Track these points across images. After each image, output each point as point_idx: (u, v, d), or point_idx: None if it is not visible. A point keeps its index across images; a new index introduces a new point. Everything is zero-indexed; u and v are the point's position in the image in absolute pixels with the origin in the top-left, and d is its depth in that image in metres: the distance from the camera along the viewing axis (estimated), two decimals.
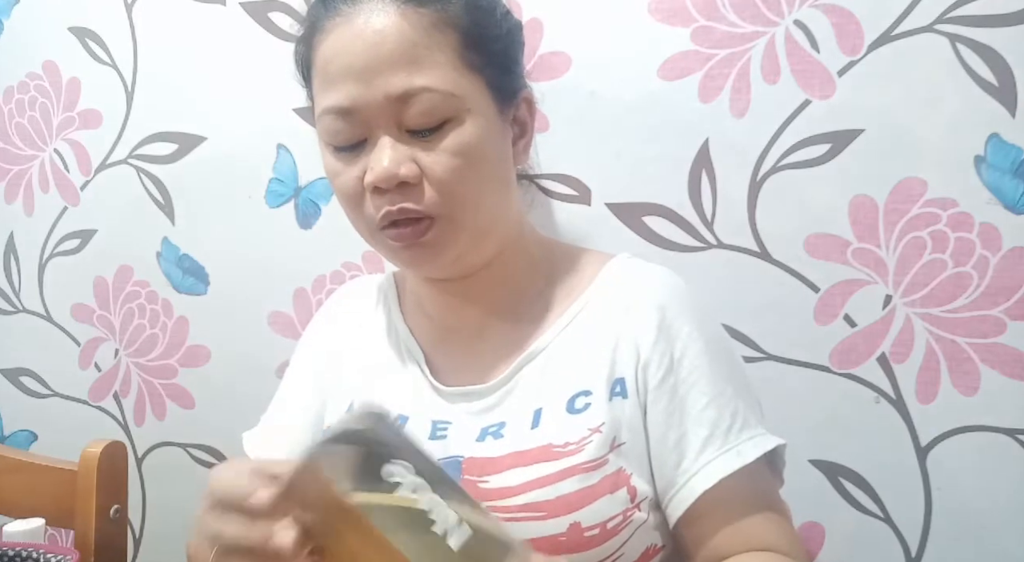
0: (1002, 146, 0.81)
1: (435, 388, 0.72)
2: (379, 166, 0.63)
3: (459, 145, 0.64)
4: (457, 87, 0.64)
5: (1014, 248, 0.81)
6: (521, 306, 0.73)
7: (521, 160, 0.73)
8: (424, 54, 0.63)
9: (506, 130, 0.70)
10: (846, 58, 0.84)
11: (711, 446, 0.64)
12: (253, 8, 1.07)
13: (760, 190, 0.88)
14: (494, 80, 0.67)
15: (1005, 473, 0.82)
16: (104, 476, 0.84)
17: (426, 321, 0.77)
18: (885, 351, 0.86)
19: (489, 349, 0.72)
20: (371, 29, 0.63)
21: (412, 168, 0.63)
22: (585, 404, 0.66)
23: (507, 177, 0.71)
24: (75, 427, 1.21)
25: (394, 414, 0.72)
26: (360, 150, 0.65)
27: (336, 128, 0.65)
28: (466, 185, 0.65)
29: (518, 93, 0.71)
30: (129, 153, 1.15)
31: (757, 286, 0.89)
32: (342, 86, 0.64)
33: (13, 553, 0.73)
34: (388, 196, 0.64)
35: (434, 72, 0.63)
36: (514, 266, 0.73)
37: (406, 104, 0.62)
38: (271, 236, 1.09)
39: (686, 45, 0.89)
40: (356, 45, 0.63)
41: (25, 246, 1.23)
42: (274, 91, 1.06)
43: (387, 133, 0.64)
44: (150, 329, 1.17)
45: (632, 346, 0.68)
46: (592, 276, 0.73)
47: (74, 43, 1.16)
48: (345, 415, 0.71)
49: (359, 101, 0.63)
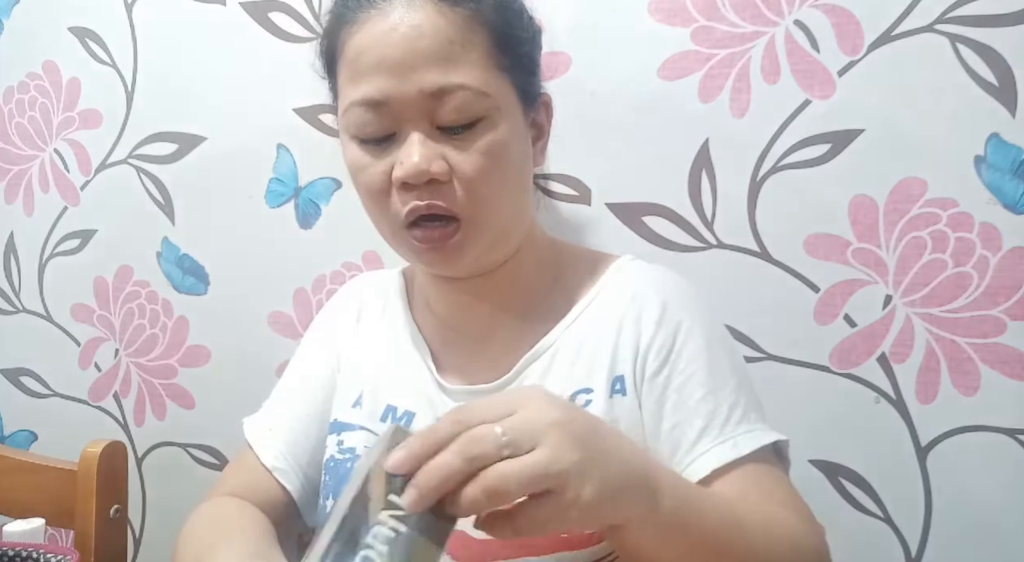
0: (1002, 146, 0.81)
1: (441, 386, 0.72)
2: (410, 161, 0.62)
3: (490, 145, 0.64)
4: (489, 86, 0.64)
5: (1014, 248, 0.81)
6: (528, 306, 0.74)
7: (539, 162, 0.73)
8: (459, 51, 0.63)
9: (528, 132, 0.70)
10: (846, 58, 0.84)
11: (706, 437, 0.63)
12: (253, 8, 1.07)
13: (760, 190, 0.88)
14: (520, 82, 0.67)
15: (1005, 473, 0.82)
16: (104, 476, 0.84)
17: (433, 319, 0.77)
18: (885, 351, 0.86)
19: (495, 347, 0.73)
20: (407, 23, 0.62)
21: (443, 165, 0.63)
22: (586, 401, 0.67)
23: (528, 179, 0.71)
24: (75, 427, 1.21)
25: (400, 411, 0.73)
26: (388, 144, 0.65)
27: (365, 120, 0.64)
28: (492, 186, 0.65)
29: (539, 96, 0.72)
30: (129, 153, 1.15)
31: (757, 286, 0.89)
32: (375, 78, 0.63)
33: (13, 553, 0.73)
34: (416, 192, 0.64)
35: (468, 70, 0.63)
36: (525, 266, 0.74)
37: (440, 100, 0.62)
38: (271, 236, 1.09)
39: (686, 45, 0.89)
40: (392, 38, 0.62)
41: (25, 246, 1.23)
42: (274, 91, 1.06)
43: (418, 129, 0.63)
44: (150, 329, 1.17)
45: (632, 342, 0.68)
46: (597, 276, 0.74)
47: (74, 43, 1.16)
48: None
49: (392, 94, 0.63)
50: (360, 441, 0.72)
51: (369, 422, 0.73)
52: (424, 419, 0.71)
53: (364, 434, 0.72)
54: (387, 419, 0.73)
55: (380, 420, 0.73)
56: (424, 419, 0.71)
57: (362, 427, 0.73)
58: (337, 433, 0.74)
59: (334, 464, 0.72)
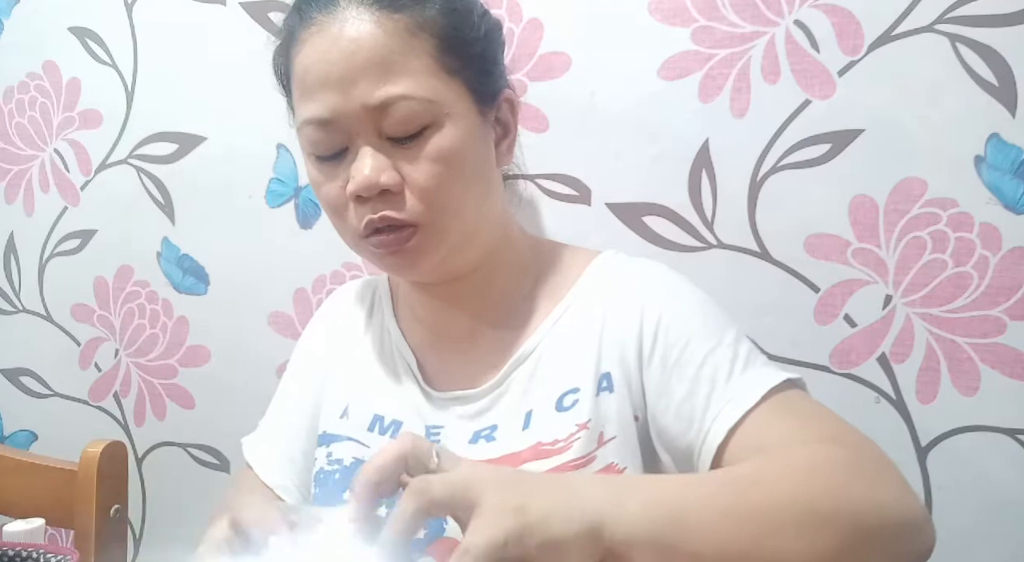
0: (1002, 146, 0.81)
1: (426, 393, 0.72)
2: (360, 175, 0.62)
3: (439, 151, 0.63)
4: (435, 93, 0.63)
5: (1014, 248, 0.81)
6: (510, 309, 0.73)
7: (505, 161, 0.72)
8: (400, 61, 0.62)
9: (488, 132, 0.69)
10: (846, 58, 0.84)
11: (714, 400, 0.61)
12: (253, 8, 1.07)
13: (760, 190, 0.88)
14: (473, 83, 0.66)
15: (1005, 473, 0.82)
16: (104, 476, 0.84)
17: (418, 325, 0.76)
18: (885, 351, 0.86)
19: (480, 353, 0.72)
20: (346, 38, 0.62)
21: (393, 176, 0.63)
22: (573, 401, 0.66)
23: (490, 180, 0.70)
24: (75, 427, 1.21)
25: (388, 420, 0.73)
26: (342, 159, 0.65)
27: (316, 138, 0.64)
28: (448, 191, 0.64)
29: (499, 94, 0.70)
30: (129, 153, 1.15)
31: (757, 286, 0.89)
32: (320, 96, 0.63)
33: (13, 553, 0.73)
34: (370, 205, 0.64)
35: (411, 79, 0.62)
36: (502, 269, 0.73)
37: (384, 113, 0.62)
38: (271, 236, 1.09)
39: (686, 45, 0.89)
40: (331, 54, 0.62)
41: (25, 246, 1.23)
42: (274, 91, 1.06)
43: (367, 142, 0.63)
44: (150, 329, 1.17)
45: (616, 338, 0.67)
46: (577, 275, 0.73)
47: (74, 43, 1.16)
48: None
49: (337, 111, 0.62)
50: (348, 452, 0.72)
51: (357, 433, 0.73)
52: (411, 427, 0.71)
53: (352, 445, 0.72)
54: (374, 429, 0.72)
55: (367, 430, 0.72)
56: (411, 427, 0.71)
57: (350, 438, 0.73)
58: (326, 445, 0.74)
59: (323, 476, 0.72)
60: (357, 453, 0.71)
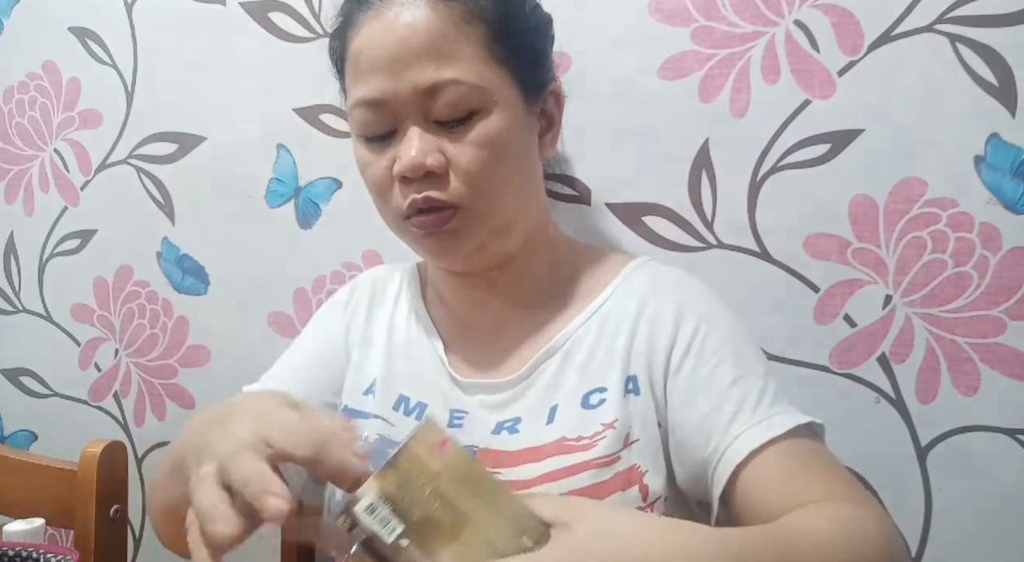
0: (1002, 146, 0.80)
1: (453, 378, 0.73)
2: (407, 156, 0.65)
3: (485, 136, 0.65)
4: (484, 79, 0.65)
5: (1014, 248, 0.81)
6: (541, 303, 0.74)
7: (547, 153, 0.74)
8: (452, 47, 0.64)
9: (532, 123, 0.71)
10: (846, 58, 0.84)
11: (739, 420, 0.62)
12: (253, 8, 1.07)
13: (760, 190, 0.88)
14: (521, 73, 0.68)
15: (1005, 473, 0.82)
16: (104, 476, 0.84)
17: (446, 312, 0.78)
18: (885, 351, 0.85)
19: (508, 343, 0.73)
20: (401, 22, 0.64)
21: (438, 158, 0.65)
22: (600, 400, 0.67)
23: (532, 170, 0.72)
24: (75, 427, 1.21)
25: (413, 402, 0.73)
26: (390, 141, 0.67)
27: (367, 119, 0.67)
28: (490, 176, 0.66)
29: (546, 86, 0.72)
30: (129, 153, 1.15)
31: (757, 286, 0.88)
32: (372, 79, 0.65)
33: (13, 553, 0.73)
34: (415, 185, 0.66)
35: (462, 65, 0.64)
36: (537, 261, 0.74)
37: (434, 96, 0.64)
38: (271, 236, 1.09)
39: (686, 45, 0.89)
40: (386, 38, 0.64)
41: (25, 246, 1.23)
42: (274, 91, 1.06)
43: (415, 124, 0.65)
44: (150, 329, 1.17)
45: (648, 342, 0.68)
46: (612, 276, 0.74)
47: (74, 43, 1.16)
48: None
49: (388, 93, 0.65)
50: (374, 429, 0.72)
51: (383, 411, 0.73)
52: (436, 410, 0.71)
53: (378, 422, 0.73)
54: (399, 409, 0.73)
55: (393, 409, 0.73)
56: (436, 410, 0.71)
57: (376, 415, 0.73)
58: (349, 420, 0.74)
59: None
60: (383, 431, 0.72)
